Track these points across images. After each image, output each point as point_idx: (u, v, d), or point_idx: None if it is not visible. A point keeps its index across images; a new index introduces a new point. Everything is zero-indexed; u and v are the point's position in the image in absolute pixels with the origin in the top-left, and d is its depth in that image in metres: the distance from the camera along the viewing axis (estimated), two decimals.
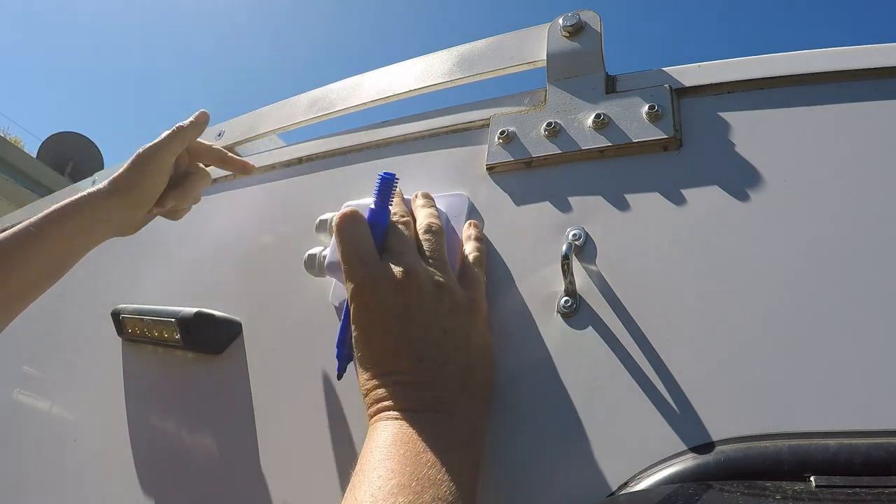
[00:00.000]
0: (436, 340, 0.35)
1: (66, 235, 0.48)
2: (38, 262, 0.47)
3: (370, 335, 0.36)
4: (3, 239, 0.46)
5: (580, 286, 0.38)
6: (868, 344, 0.29)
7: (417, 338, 0.35)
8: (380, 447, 0.31)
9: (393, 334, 0.35)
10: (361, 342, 0.36)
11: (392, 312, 0.35)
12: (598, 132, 0.42)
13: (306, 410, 0.45)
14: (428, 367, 0.34)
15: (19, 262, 0.46)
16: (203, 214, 0.65)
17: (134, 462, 0.53)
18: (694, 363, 0.32)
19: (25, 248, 0.46)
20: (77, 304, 0.72)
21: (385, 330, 0.35)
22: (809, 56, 0.39)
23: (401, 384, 0.34)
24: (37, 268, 0.47)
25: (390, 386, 0.34)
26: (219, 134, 0.72)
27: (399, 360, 0.35)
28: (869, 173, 0.34)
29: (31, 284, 0.48)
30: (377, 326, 0.35)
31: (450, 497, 0.29)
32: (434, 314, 0.36)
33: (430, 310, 0.36)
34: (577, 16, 0.46)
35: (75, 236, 0.49)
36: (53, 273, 0.50)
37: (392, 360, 0.35)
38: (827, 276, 0.32)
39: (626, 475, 0.31)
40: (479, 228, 0.44)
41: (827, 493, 0.25)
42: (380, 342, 0.35)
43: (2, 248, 0.46)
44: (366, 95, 0.58)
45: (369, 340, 0.36)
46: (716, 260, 0.35)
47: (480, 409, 0.35)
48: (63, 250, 0.49)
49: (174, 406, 0.53)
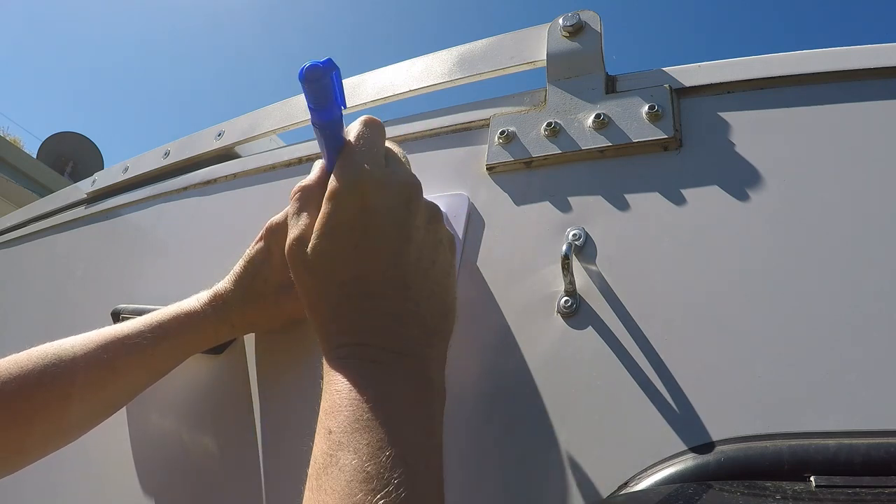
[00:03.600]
0: (425, 271, 0.32)
1: (177, 352, 0.45)
2: (148, 371, 0.44)
3: (361, 247, 0.31)
4: (113, 339, 0.42)
5: (580, 286, 0.38)
6: (868, 344, 0.29)
7: (411, 261, 0.32)
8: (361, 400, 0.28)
9: (386, 251, 0.31)
10: (344, 252, 0.31)
11: (392, 223, 0.31)
12: (598, 132, 0.42)
13: (306, 410, 0.45)
14: (412, 297, 0.31)
15: (122, 370, 0.42)
16: (203, 214, 0.65)
17: (134, 462, 0.53)
18: (694, 363, 0.32)
19: (133, 356, 0.42)
20: (77, 304, 0.72)
21: (378, 246, 0.31)
22: (809, 56, 0.38)
23: (386, 315, 0.31)
24: (143, 378, 0.44)
25: (372, 315, 0.31)
26: (219, 134, 0.72)
27: (387, 283, 0.31)
28: (869, 173, 0.34)
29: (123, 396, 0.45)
30: (371, 238, 0.31)
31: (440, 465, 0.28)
32: (428, 240, 0.33)
33: (426, 234, 0.33)
34: (577, 16, 0.46)
35: (188, 351, 0.46)
36: (157, 379, 0.46)
37: (381, 278, 0.31)
38: (827, 276, 0.32)
39: (626, 475, 0.31)
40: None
41: (827, 493, 0.25)
42: (370, 257, 0.31)
43: (114, 352, 0.42)
44: (366, 95, 0.58)
45: (359, 249, 0.31)
46: (716, 260, 0.35)
47: (445, 354, 0.34)
48: (168, 367, 0.46)
49: (174, 406, 0.53)
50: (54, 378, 0.39)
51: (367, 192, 0.31)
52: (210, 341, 0.47)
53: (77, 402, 0.40)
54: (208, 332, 0.46)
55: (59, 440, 0.42)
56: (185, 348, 0.46)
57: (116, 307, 0.60)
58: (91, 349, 0.41)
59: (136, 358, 0.43)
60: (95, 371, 0.41)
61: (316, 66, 0.31)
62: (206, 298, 0.46)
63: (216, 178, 0.67)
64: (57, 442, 0.42)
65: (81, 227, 0.81)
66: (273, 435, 0.46)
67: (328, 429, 0.28)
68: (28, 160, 5.95)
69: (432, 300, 0.32)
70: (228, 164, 0.67)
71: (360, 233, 0.31)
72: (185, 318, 0.45)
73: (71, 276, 0.76)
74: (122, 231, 0.74)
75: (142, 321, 0.44)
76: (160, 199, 0.71)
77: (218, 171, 0.67)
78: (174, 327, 0.44)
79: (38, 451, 0.41)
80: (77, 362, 0.40)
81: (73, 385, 0.40)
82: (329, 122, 0.33)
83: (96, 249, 0.76)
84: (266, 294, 0.45)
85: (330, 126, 0.33)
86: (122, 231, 0.74)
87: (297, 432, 0.44)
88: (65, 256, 0.81)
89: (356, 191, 0.31)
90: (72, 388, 0.40)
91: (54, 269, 0.81)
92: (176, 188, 0.70)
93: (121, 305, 0.60)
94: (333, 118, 0.33)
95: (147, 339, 0.43)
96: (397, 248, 0.31)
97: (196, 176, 0.69)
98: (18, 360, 0.40)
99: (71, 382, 0.40)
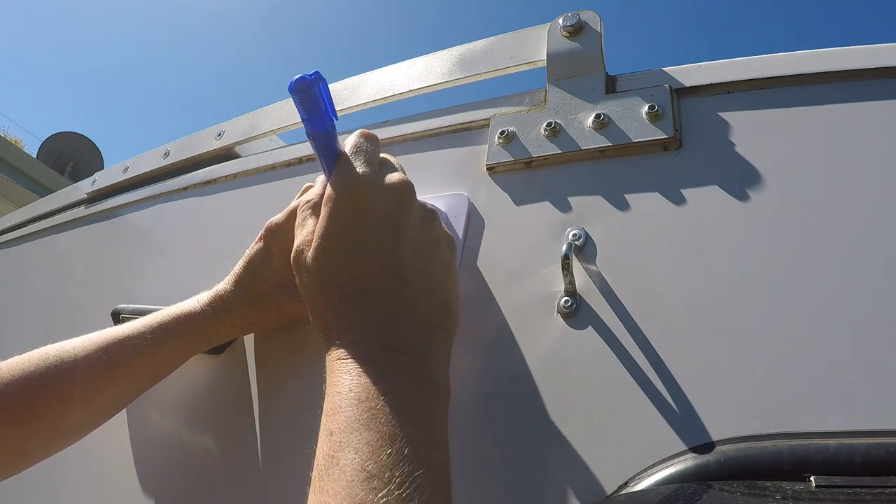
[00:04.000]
0: (423, 268, 0.33)
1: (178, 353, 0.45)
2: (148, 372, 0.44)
3: (357, 247, 0.32)
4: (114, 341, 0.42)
5: (580, 286, 0.38)
6: (868, 344, 0.29)
7: (406, 259, 0.32)
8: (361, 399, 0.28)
9: (382, 250, 0.32)
10: (341, 252, 0.32)
11: (385, 223, 0.32)
12: (598, 132, 0.42)
13: (306, 410, 0.45)
14: (411, 294, 0.32)
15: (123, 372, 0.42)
16: (203, 214, 0.65)
17: (134, 462, 0.53)
18: (694, 363, 0.32)
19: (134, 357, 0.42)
20: (77, 304, 0.72)
21: (373, 244, 0.32)
22: (809, 56, 0.38)
23: (383, 312, 0.31)
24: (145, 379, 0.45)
25: (371, 313, 0.31)
26: (219, 134, 0.72)
27: (383, 280, 0.32)
28: (869, 173, 0.34)
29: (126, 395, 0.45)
30: (366, 238, 0.32)
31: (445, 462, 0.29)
32: (423, 239, 0.34)
33: (420, 233, 0.34)
34: (577, 16, 0.46)
35: (189, 352, 0.46)
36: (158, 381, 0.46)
37: (376, 278, 0.32)
38: (827, 276, 0.32)
39: (626, 475, 0.31)
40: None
41: (827, 493, 0.25)
42: (366, 256, 0.32)
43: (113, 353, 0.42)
44: (366, 95, 0.58)
45: (355, 249, 0.32)
46: (716, 260, 0.35)
47: (449, 353, 0.34)
48: (169, 368, 0.46)
49: (174, 406, 0.53)
50: (55, 380, 0.39)
51: (360, 195, 0.32)
52: (210, 341, 0.47)
53: (78, 404, 0.40)
54: (208, 333, 0.46)
55: (60, 442, 0.42)
56: (186, 349, 0.46)
57: (116, 307, 0.60)
58: (92, 350, 0.41)
59: (136, 359, 0.43)
60: (96, 372, 0.41)
61: (303, 79, 0.33)
62: (207, 299, 0.46)
63: (216, 178, 0.67)
64: (58, 444, 0.42)
65: (81, 227, 0.81)
66: (273, 435, 0.46)
67: (329, 430, 0.28)
68: (28, 160, 5.95)
69: (431, 298, 0.33)
70: (228, 164, 0.67)
71: (355, 234, 0.32)
72: (186, 319, 0.45)
73: (71, 276, 0.76)
74: (122, 231, 0.74)
75: (142, 322, 0.44)
76: (160, 199, 0.71)
77: (218, 171, 0.67)
78: (174, 328, 0.44)
79: (40, 453, 0.41)
80: (78, 364, 0.40)
81: (73, 386, 0.40)
82: (322, 132, 0.35)
83: (96, 249, 0.76)
84: (266, 294, 0.45)
85: (324, 137, 0.35)
86: (122, 231, 0.74)
87: (296, 432, 0.44)
88: (65, 256, 0.81)
89: (350, 194, 0.33)
90: (73, 389, 0.40)
91: (54, 269, 0.81)
92: (176, 188, 0.70)
93: (121, 305, 0.60)
94: (326, 128, 0.35)
95: (147, 341, 0.43)
96: (391, 248, 0.32)
97: (196, 176, 0.69)
98: (20, 362, 0.40)
99: (72, 384, 0.40)
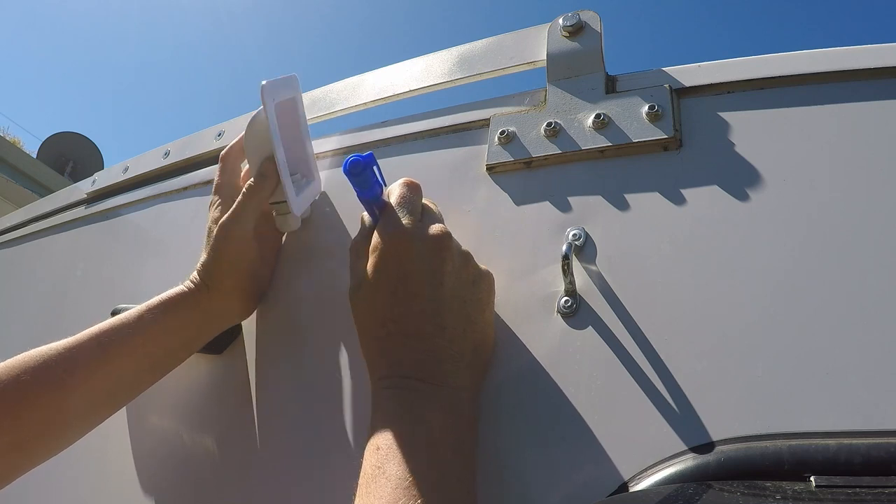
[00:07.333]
0: (458, 310, 0.36)
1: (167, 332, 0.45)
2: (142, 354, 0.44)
3: (398, 292, 0.36)
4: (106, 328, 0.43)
5: (580, 286, 0.38)
6: (868, 344, 0.29)
7: (444, 302, 0.35)
8: (403, 426, 0.33)
9: (421, 296, 0.35)
10: (384, 296, 0.36)
11: (426, 272, 0.36)
12: (598, 132, 0.42)
13: (307, 410, 0.45)
14: (448, 336, 0.35)
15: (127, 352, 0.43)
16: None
17: (134, 462, 0.53)
18: (694, 363, 0.32)
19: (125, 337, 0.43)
20: (77, 304, 0.72)
21: (413, 291, 0.35)
22: (809, 56, 0.39)
23: (423, 352, 0.35)
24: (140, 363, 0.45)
25: (411, 352, 0.35)
26: (219, 134, 0.72)
27: (423, 324, 0.35)
28: (869, 173, 0.34)
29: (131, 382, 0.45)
30: (407, 285, 0.36)
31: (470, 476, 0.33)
32: (459, 283, 0.37)
33: (457, 277, 0.37)
34: (577, 16, 0.46)
35: (187, 328, 0.46)
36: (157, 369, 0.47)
37: (416, 321, 0.35)
38: (827, 276, 0.32)
39: (626, 475, 0.31)
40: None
41: (827, 493, 0.25)
42: (406, 301, 0.35)
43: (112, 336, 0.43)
44: (366, 95, 0.58)
45: (396, 296, 0.36)
46: (716, 260, 0.35)
47: (480, 385, 0.37)
48: (160, 350, 0.46)
49: (174, 406, 0.53)
50: (48, 368, 0.40)
51: (403, 246, 0.36)
52: (198, 313, 0.47)
53: (71, 391, 0.41)
54: (191, 303, 0.46)
55: (58, 437, 0.42)
56: (174, 325, 0.46)
57: (116, 307, 0.60)
58: (83, 340, 0.43)
59: (126, 339, 0.44)
60: (88, 354, 0.42)
61: (357, 161, 0.37)
62: (188, 277, 0.48)
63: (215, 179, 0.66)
64: (57, 439, 0.42)
65: (81, 227, 0.81)
66: (273, 435, 0.46)
67: (377, 445, 0.32)
68: (28, 160, 5.94)
69: (465, 337, 0.36)
70: None
71: (399, 280, 0.36)
72: (172, 295, 0.47)
73: (71, 276, 0.76)
74: (122, 231, 0.74)
75: (132, 309, 0.46)
76: (160, 199, 0.71)
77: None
78: (160, 306, 0.46)
79: (39, 450, 0.41)
80: (70, 350, 0.42)
81: (65, 371, 0.41)
82: (373, 198, 0.39)
83: (96, 249, 0.76)
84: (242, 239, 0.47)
85: (374, 200, 0.39)
86: (122, 231, 0.74)
87: (296, 432, 0.44)
88: (65, 256, 0.81)
89: (394, 244, 0.36)
90: (64, 374, 0.41)
91: (54, 269, 0.81)
92: (176, 188, 0.70)
93: (121, 305, 0.60)
94: (375, 195, 0.39)
95: (135, 321, 0.44)
96: (431, 293, 0.35)
97: (196, 176, 0.68)
98: (13, 358, 0.41)
99: (63, 369, 0.41)
